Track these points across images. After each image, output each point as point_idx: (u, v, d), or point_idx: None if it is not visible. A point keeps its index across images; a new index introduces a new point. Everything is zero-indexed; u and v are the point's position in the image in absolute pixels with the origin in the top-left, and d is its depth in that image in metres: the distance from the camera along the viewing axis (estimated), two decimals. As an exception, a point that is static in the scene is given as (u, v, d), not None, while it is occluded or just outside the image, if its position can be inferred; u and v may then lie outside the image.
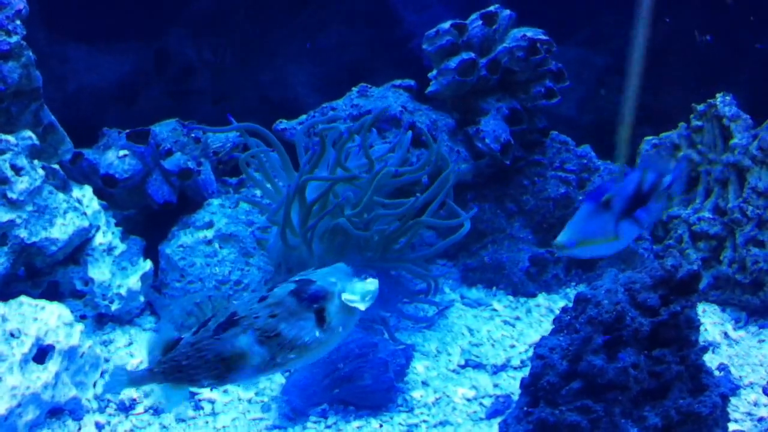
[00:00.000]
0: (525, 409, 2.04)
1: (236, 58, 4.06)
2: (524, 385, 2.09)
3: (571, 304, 2.13)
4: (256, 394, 2.70)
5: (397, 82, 3.73)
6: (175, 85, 4.03)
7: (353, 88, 3.69)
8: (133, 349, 2.91)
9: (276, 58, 4.10)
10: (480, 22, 3.56)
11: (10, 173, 2.73)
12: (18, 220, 2.74)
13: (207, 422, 2.56)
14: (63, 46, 3.74)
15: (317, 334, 1.57)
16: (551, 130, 3.76)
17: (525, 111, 3.63)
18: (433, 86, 3.62)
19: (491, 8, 3.59)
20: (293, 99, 3.04)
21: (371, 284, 1.61)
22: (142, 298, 3.06)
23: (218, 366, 1.60)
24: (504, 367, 2.95)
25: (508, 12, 3.61)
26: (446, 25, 3.54)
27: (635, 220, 1.77)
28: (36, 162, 2.87)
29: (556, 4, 4.08)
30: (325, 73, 4.18)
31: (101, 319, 3.02)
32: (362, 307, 1.58)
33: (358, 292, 1.60)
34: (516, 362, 2.98)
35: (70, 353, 2.52)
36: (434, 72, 3.63)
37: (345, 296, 1.58)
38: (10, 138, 2.78)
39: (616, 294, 1.97)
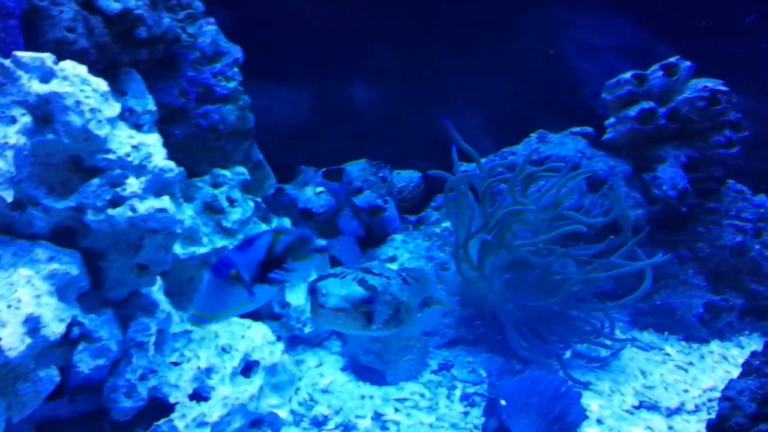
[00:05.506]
0: (712, 449, 2.09)
1: (413, 103, 4.22)
2: (711, 425, 2.13)
3: (752, 350, 2.18)
4: (437, 419, 2.82)
5: (576, 129, 3.83)
6: (356, 126, 4.23)
7: (532, 134, 3.81)
8: (322, 369, 3.09)
9: (450, 103, 4.21)
10: (661, 73, 3.63)
11: (225, 204, 2.97)
12: (230, 247, 2.92)
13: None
14: (259, 89, 4.01)
15: None
16: (727, 179, 3.76)
17: (702, 159, 3.64)
18: (610, 133, 3.71)
19: (672, 59, 3.65)
20: (467, 143, 3.15)
21: None
22: (331, 324, 3.24)
23: None
24: (678, 411, 2.96)
25: (688, 63, 3.65)
26: (627, 75, 3.63)
27: (270, 282, 1.74)
28: (245, 195, 3.11)
29: (725, 56, 4.07)
30: (497, 118, 4.26)
31: (294, 341, 3.23)
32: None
33: None
34: (690, 406, 2.99)
35: (272, 369, 2.68)
36: (612, 120, 3.72)
37: None
38: (227, 173, 3.03)
39: (813, 340, 2.01)
